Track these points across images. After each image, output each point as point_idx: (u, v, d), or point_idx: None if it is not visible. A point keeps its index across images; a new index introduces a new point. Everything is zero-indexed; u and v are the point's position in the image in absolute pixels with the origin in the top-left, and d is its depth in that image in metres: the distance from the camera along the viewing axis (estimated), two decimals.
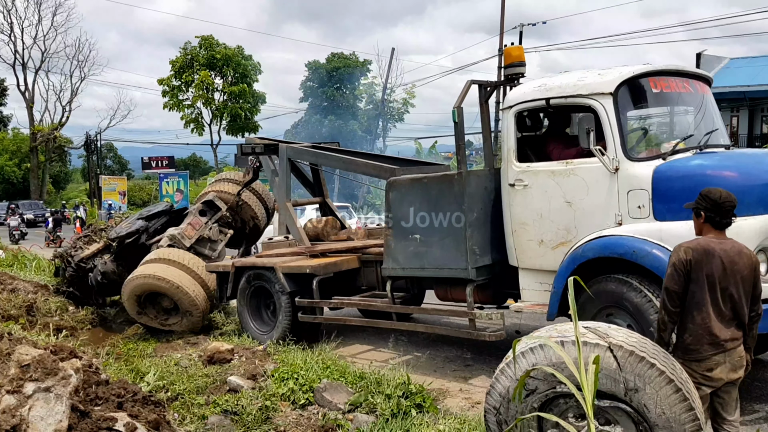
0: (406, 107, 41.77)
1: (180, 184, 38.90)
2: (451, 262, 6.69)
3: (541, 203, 6.24)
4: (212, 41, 43.98)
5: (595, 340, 3.67)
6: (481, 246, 6.62)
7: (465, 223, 6.54)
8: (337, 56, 45.72)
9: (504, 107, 6.61)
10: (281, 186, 9.28)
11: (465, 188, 6.54)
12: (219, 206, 10.51)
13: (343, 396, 5.86)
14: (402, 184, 7.22)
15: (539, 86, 6.34)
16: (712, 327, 3.77)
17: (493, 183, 6.82)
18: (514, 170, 6.44)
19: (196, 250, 10.03)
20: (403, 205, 7.10)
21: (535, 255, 6.37)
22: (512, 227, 6.51)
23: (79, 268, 10.73)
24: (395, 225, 7.18)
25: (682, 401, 3.50)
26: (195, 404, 5.89)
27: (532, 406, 3.86)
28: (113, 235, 10.57)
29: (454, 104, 6.68)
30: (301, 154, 9.37)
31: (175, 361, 7.29)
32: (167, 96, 44.31)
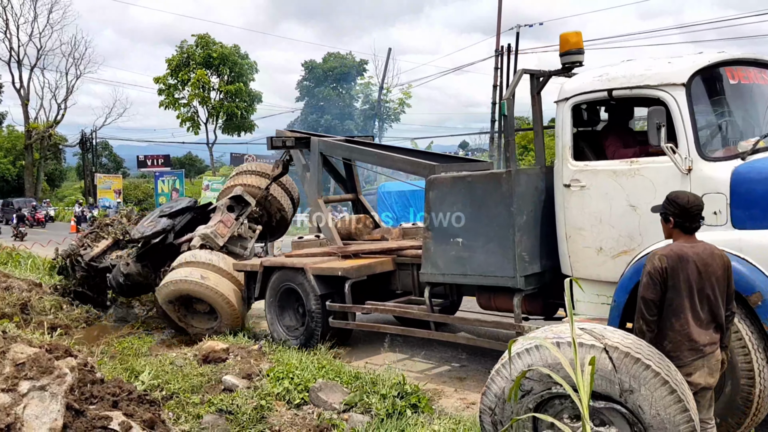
0: (403, 107, 41.85)
1: (175, 183, 38.85)
2: (498, 268, 6.19)
3: (600, 206, 5.66)
4: (208, 40, 43.90)
5: (591, 341, 3.68)
6: (530, 252, 6.12)
7: (513, 226, 6.02)
8: (334, 56, 45.73)
9: (559, 99, 6.00)
10: (312, 181, 8.85)
11: (514, 188, 6.04)
12: (248, 201, 9.98)
13: (339, 396, 5.86)
14: (443, 182, 6.73)
15: (600, 76, 5.76)
16: (692, 333, 3.79)
17: (544, 183, 6.30)
18: (570, 169, 5.87)
19: (227, 248, 9.58)
20: (445, 205, 6.63)
21: (592, 264, 5.78)
22: (567, 232, 5.94)
23: (90, 267, 10.35)
24: (435, 227, 6.70)
25: (677, 402, 3.52)
26: (190, 403, 5.88)
27: (528, 406, 3.87)
28: (137, 234, 10.02)
29: (504, 95, 6.27)
30: (334, 148, 8.93)
31: (170, 360, 7.27)
32: (163, 94, 44.21)
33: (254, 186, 10.30)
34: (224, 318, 8.65)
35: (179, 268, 8.89)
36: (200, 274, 8.61)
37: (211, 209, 10.19)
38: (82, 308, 10.58)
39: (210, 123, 46.00)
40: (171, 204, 11.03)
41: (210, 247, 9.34)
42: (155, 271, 9.83)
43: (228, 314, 8.62)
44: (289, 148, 9.09)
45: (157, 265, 9.84)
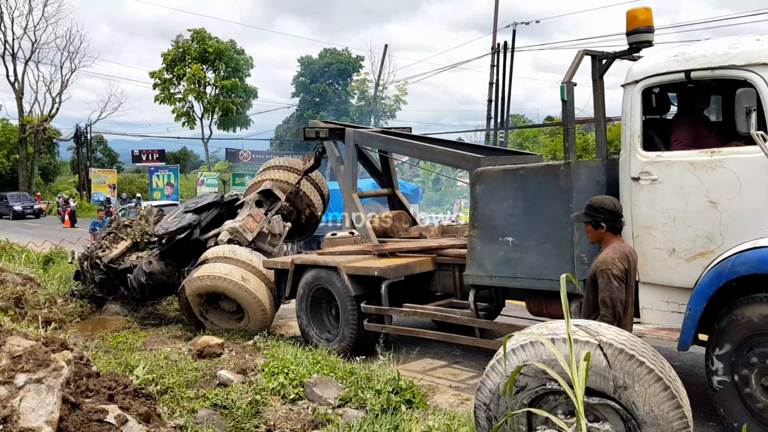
0: (399, 104, 41.86)
1: (170, 178, 38.80)
2: (553, 271, 5.61)
3: (674, 202, 5.11)
4: (204, 35, 43.86)
5: (586, 337, 3.70)
6: (590, 254, 5.55)
7: (572, 224, 5.51)
8: (330, 52, 45.70)
9: (627, 82, 5.48)
10: (347, 175, 8.40)
11: (573, 182, 5.52)
12: (278, 196, 9.59)
13: (333, 391, 5.88)
14: (492, 175, 6.21)
15: (676, 56, 5.21)
16: (630, 325, 4.18)
17: (606, 176, 5.80)
18: (640, 161, 5.32)
19: (256, 245, 9.20)
20: (493, 200, 6.11)
21: (662, 267, 5.24)
22: (634, 231, 5.39)
23: (109, 270, 9.95)
24: (482, 224, 6.19)
25: (670, 399, 3.54)
26: (184, 398, 5.89)
27: (522, 402, 3.89)
28: (160, 230, 9.63)
29: (563, 78, 5.61)
30: (370, 140, 8.48)
31: (164, 355, 7.28)
32: (158, 89, 44.16)
33: (283, 181, 9.92)
34: (253, 322, 8.39)
35: (217, 262, 8.50)
36: (241, 275, 8.29)
37: (239, 204, 9.84)
38: (77, 303, 10.56)
39: (205, 118, 46.02)
40: (196, 199, 10.66)
41: (238, 242, 9.00)
42: (179, 269, 9.44)
43: (259, 320, 8.38)
44: (323, 140, 8.67)
45: (181, 264, 9.44)
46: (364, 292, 7.31)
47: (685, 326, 4.82)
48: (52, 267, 13.93)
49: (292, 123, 46.49)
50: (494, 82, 29.74)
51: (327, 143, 8.82)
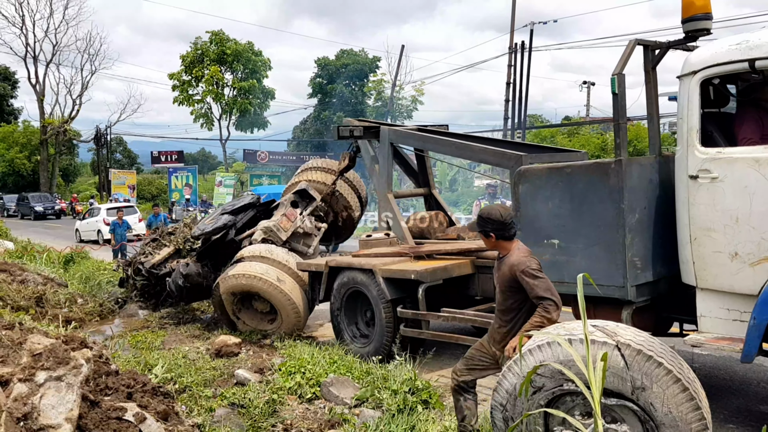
0: (415, 105, 41.83)
1: (189, 179, 39.06)
2: (603, 276, 5.29)
3: (737, 203, 4.76)
4: (222, 36, 44.15)
5: (603, 338, 3.68)
6: (643, 257, 5.26)
7: (624, 226, 5.15)
8: (347, 53, 45.77)
9: (685, 73, 5.11)
10: (382, 174, 8.15)
11: (625, 181, 5.16)
12: (313, 196, 9.42)
13: (350, 391, 5.89)
14: (536, 174, 5.88)
15: (738, 44, 4.84)
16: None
17: (659, 174, 5.46)
18: (698, 158, 4.97)
19: (290, 245, 9.08)
20: (538, 200, 5.80)
21: (724, 272, 4.88)
22: (692, 234, 5.05)
23: (151, 275, 9.97)
24: (526, 226, 5.86)
25: (689, 400, 3.51)
26: (202, 397, 5.94)
27: (539, 403, 3.87)
28: (197, 232, 9.58)
29: (614, 70, 5.27)
30: (406, 138, 8.27)
31: (183, 354, 7.34)
32: (177, 90, 44.49)
33: (319, 182, 9.80)
34: (286, 325, 8.30)
35: (253, 261, 8.42)
36: (277, 275, 8.20)
37: (275, 206, 9.77)
38: (96, 302, 10.68)
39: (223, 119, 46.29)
40: (233, 201, 10.58)
41: (272, 241, 8.90)
42: (215, 271, 9.36)
43: (292, 322, 8.29)
44: (357, 138, 8.47)
45: (217, 265, 9.37)
46: (400, 296, 7.05)
47: (749, 336, 4.48)
48: (72, 267, 14.10)
49: (309, 124, 46.63)
50: (511, 82, 29.62)
51: (362, 142, 8.59)
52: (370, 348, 7.27)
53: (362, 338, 7.57)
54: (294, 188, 9.72)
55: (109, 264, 13.92)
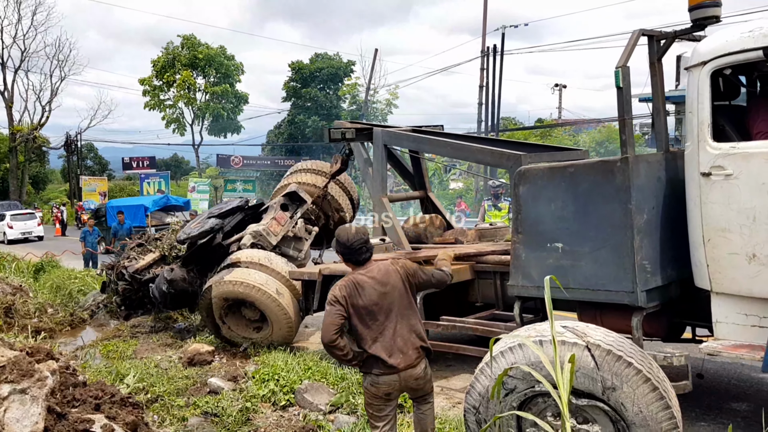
0: (390, 108, 41.82)
1: (161, 185, 38.63)
2: (611, 281, 5.00)
3: (754, 200, 4.47)
4: (194, 41, 43.81)
5: (573, 339, 3.70)
6: (653, 260, 4.94)
7: (632, 227, 4.83)
8: (321, 56, 45.66)
9: (694, 64, 4.83)
10: (376, 177, 7.87)
11: (632, 179, 4.84)
12: (304, 198, 9.10)
13: (325, 397, 5.85)
14: (538, 174, 5.55)
15: (751, 32, 4.57)
16: (380, 349, 3.97)
17: (667, 172, 5.17)
18: (711, 153, 4.68)
19: (281, 249, 8.77)
20: (539, 202, 5.47)
21: (740, 275, 4.58)
22: (705, 235, 4.76)
23: (134, 279, 9.65)
24: (527, 229, 5.54)
25: (659, 400, 3.54)
26: (175, 406, 5.87)
27: (511, 405, 3.88)
28: (182, 236, 9.18)
29: (618, 62, 4.92)
30: (400, 139, 7.93)
31: (155, 363, 7.26)
32: (148, 96, 44.06)
33: (310, 184, 9.50)
34: (277, 336, 7.99)
35: (251, 268, 8.08)
36: (276, 287, 7.91)
37: (264, 210, 9.44)
38: (66, 311, 10.50)
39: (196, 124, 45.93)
40: (221, 205, 10.17)
41: (261, 246, 8.60)
42: (201, 276, 9.02)
43: (284, 335, 7.99)
44: (349, 141, 8.16)
45: (203, 270, 9.03)
46: None
47: None
48: (43, 276, 13.85)
49: (284, 128, 46.35)
50: (484, 85, 29.81)
51: (354, 145, 8.32)
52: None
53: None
54: (283, 191, 9.47)
55: (80, 273, 13.70)
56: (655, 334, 5.54)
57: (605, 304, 5.20)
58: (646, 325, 5.12)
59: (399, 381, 3.91)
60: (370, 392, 4.00)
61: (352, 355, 3.95)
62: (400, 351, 3.90)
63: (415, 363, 3.93)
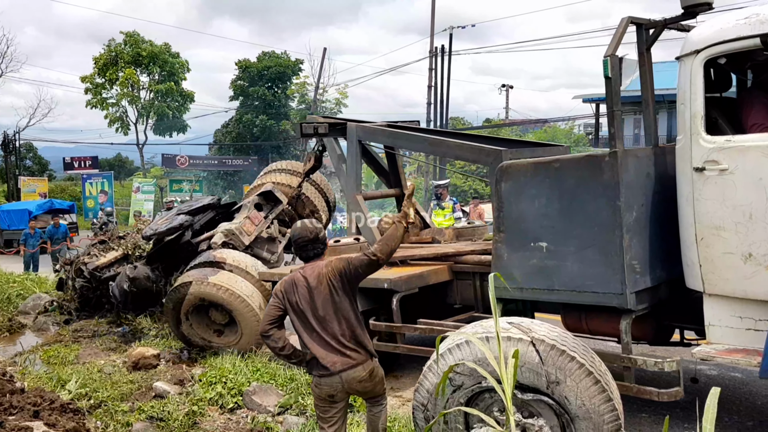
0: (339, 107, 41.70)
1: (104, 185, 37.61)
2: (598, 283, 4.77)
3: (750, 197, 4.25)
4: (137, 38, 42.80)
5: (519, 335, 3.77)
6: (642, 260, 4.73)
7: (620, 226, 4.60)
8: (269, 55, 45.19)
9: (686, 53, 4.62)
10: (350, 175, 7.60)
11: (621, 175, 4.59)
12: (279, 198, 8.73)
13: (273, 398, 5.81)
14: (521, 170, 5.29)
15: (747, 18, 4.34)
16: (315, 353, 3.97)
17: (656, 168, 4.94)
18: (704, 147, 4.46)
19: (253, 250, 8.44)
20: (522, 199, 5.22)
21: (735, 276, 4.37)
22: (697, 233, 4.53)
23: (93, 277, 9.22)
24: (510, 227, 5.30)
25: (601, 392, 3.63)
26: (119, 411, 5.73)
27: (459, 401, 3.93)
28: (148, 232, 8.70)
29: (606, 51, 4.66)
30: (375, 135, 7.74)
31: (98, 368, 7.09)
32: (90, 94, 42.87)
33: (284, 184, 9.22)
34: (243, 345, 7.57)
35: (236, 273, 7.74)
36: (260, 302, 7.62)
37: (236, 209, 9.12)
38: (5, 316, 10.12)
39: (140, 123, 44.91)
40: (191, 202, 9.76)
41: (233, 245, 8.28)
42: (167, 276, 8.65)
43: (251, 343, 7.56)
44: (322, 136, 7.85)
45: (169, 269, 8.63)
46: (372, 307, 6.39)
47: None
48: None
49: (232, 127, 45.66)
50: (433, 85, 30.05)
51: (327, 141, 7.95)
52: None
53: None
54: (258, 190, 9.11)
55: (18, 276, 13.26)
56: (642, 338, 5.36)
57: (591, 307, 5.02)
58: (634, 328, 4.89)
59: (341, 383, 3.88)
60: (315, 393, 4.00)
61: (290, 350, 3.95)
62: (336, 352, 3.88)
63: (356, 365, 3.89)
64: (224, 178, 44.82)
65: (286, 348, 3.93)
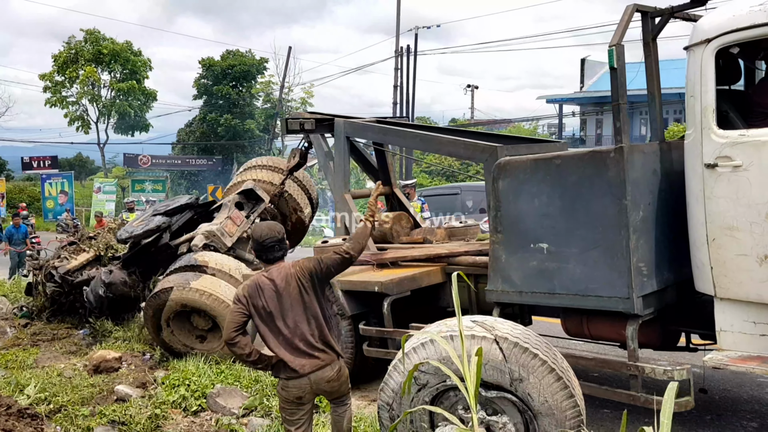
0: (305, 106, 41.48)
1: (64, 186, 36.84)
2: (603, 286, 4.55)
3: (766, 195, 4.05)
4: (98, 35, 42.00)
5: (483, 333, 3.80)
6: (649, 262, 4.51)
7: (627, 226, 4.37)
8: (233, 54, 44.76)
9: (695, 42, 4.42)
10: (338, 172, 7.37)
11: (627, 172, 4.37)
12: (261, 197, 8.43)
13: (238, 400, 5.77)
14: (520, 167, 5.04)
15: (762, 5, 4.13)
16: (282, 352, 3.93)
17: (663, 164, 4.72)
18: (716, 142, 4.25)
19: (235, 252, 8.18)
20: (522, 198, 4.98)
21: (749, 279, 4.15)
22: (708, 233, 4.32)
23: (64, 281, 8.81)
24: (508, 228, 5.06)
25: (563, 389, 3.68)
26: (79, 416, 5.63)
27: (424, 399, 3.95)
28: (124, 235, 8.33)
29: (611, 41, 4.44)
30: (364, 131, 7.47)
31: (58, 372, 6.95)
32: (49, 92, 41.95)
33: (266, 182, 8.89)
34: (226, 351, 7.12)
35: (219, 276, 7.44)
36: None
37: (215, 208, 8.76)
38: None
39: (101, 122, 44.08)
40: (167, 202, 9.31)
41: (215, 247, 8.00)
42: (144, 280, 8.31)
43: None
44: (308, 132, 7.59)
45: (147, 273, 8.29)
46: (362, 311, 6.21)
47: None
48: None
49: (195, 126, 45.09)
50: (399, 85, 30.11)
51: (314, 137, 7.70)
52: None
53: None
54: (238, 188, 8.77)
55: None
56: (648, 344, 5.09)
57: (593, 311, 4.81)
58: (639, 334, 4.64)
59: (310, 384, 3.88)
60: (282, 396, 3.97)
61: (257, 356, 3.88)
62: (304, 354, 3.87)
63: (324, 365, 3.90)
64: (188, 177, 44.26)
65: (252, 354, 3.87)
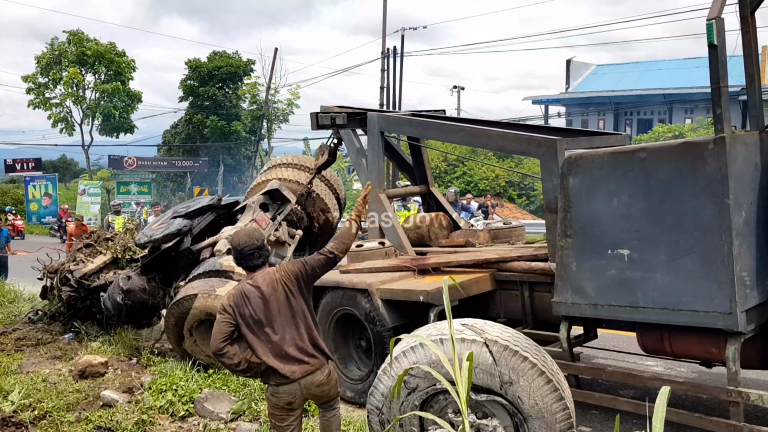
0: (291, 108, 41.38)
1: (48, 188, 36.54)
2: (698, 299, 3.97)
3: None
4: (82, 36, 41.69)
5: (473, 336, 3.79)
6: (751, 271, 3.94)
7: (729, 229, 3.81)
8: (219, 55, 44.58)
9: None
10: (371, 170, 6.94)
11: (729, 166, 3.80)
12: (287, 197, 7.95)
13: (226, 405, 5.72)
14: (595, 162, 4.47)
15: None
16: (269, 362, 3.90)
17: (762, 157, 4.18)
18: None
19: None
20: (597, 197, 4.43)
21: None
22: None
23: (80, 286, 8.48)
24: (581, 231, 4.51)
25: (553, 392, 3.68)
26: (65, 422, 5.58)
27: (414, 404, 3.93)
28: (143, 239, 7.91)
29: (709, 14, 3.83)
30: (401, 125, 7.02)
31: (42, 378, 6.88)
32: (32, 93, 41.58)
33: (292, 181, 8.44)
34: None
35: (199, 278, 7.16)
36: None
37: (239, 209, 8.32)
38: None
39: (85, 124, 43.75)
40: (188, 203, 8.88)
41: None
42: (165, 286, 7.96)
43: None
44: (340, 127, 7.09)
45: (167, 279, 7.96)
46: (404, 322, 5.64)
47: None
48: None
49: (181, 128, 44.84)
50: (385, 86, 30.09)
51: (344, 132, 7.27)
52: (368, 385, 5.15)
53: (357, 370, 6.22)
54: (262, 188, 8.30)
55: None
56: (748, 364, 4.42)
57: (679, 327, 4.23)
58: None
59: (300, 389, 3.87)
60: (272, 402, 3.94)
61: (245, 365, 3.85)
62: (294, 360, 3.85)
63: (314, 370, 3.89)
64: (174, 179, 43.99)
65: (242, 363, 3.85)
